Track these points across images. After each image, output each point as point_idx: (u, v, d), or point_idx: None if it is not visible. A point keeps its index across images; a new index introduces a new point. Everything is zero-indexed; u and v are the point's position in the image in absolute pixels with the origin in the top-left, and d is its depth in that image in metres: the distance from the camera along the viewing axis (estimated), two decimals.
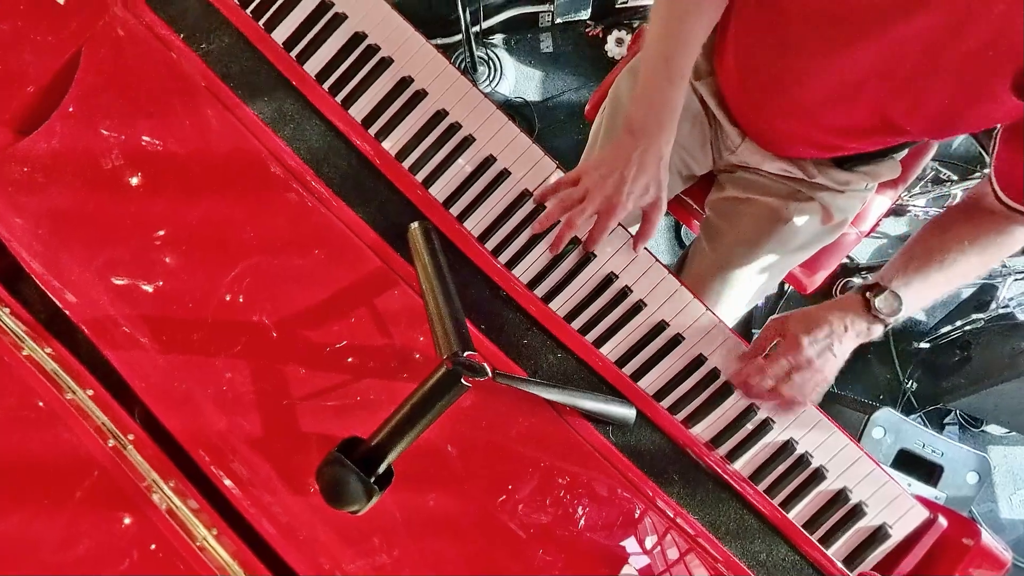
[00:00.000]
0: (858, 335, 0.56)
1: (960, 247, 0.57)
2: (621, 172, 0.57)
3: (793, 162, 0.73)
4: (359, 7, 0.61)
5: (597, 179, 0.57)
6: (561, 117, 1.54)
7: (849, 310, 0.56)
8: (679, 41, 0.57)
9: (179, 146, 0.51)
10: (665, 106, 0.57)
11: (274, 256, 0.51)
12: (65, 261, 0.48)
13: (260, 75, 0.55)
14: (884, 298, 0.55)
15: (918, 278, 0.56)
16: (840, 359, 0.57)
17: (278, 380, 0.49)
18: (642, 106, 0.58)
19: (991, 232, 0.57)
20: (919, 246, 0.59)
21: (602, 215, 0.57)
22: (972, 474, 1.06)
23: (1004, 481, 1.50)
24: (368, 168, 0.55)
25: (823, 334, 0.56)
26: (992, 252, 0.57)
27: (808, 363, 0.55)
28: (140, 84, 0.52)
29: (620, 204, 0.57)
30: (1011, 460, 1.51)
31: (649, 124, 0.57)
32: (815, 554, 0.52)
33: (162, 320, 0.48)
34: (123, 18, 0.52)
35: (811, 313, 0.57)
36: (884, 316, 0.55)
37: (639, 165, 0.57)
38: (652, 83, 0.58)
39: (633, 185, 0.57)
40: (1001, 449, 1.52)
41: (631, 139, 0.57)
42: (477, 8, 1.40)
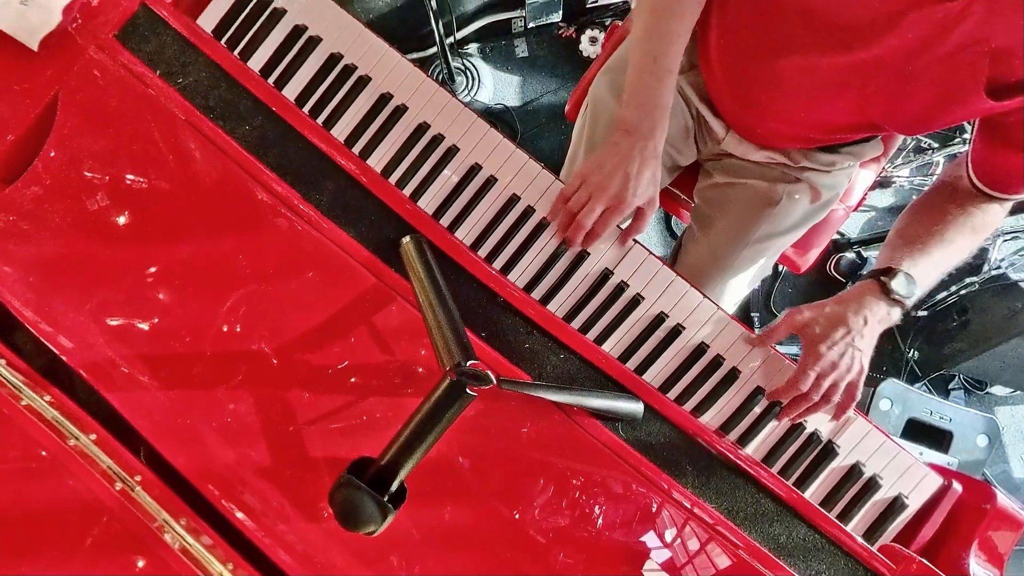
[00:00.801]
0: (880, 322, 0.57)
1: (955, 224, 0.59)
2: (625, 170, 0.58)
3: (777, 151, 0.74)
4: (333, 28, 0.62)
5: (602, 179, 0.58)
6: (542, 119, 1.55)
7: (866, 300, 0.57)
8: (665, 40, 0.58)
9: (164, 181, 0.51)
10: (657, 104, 0.58)
11: (268, 283, 0.51)
12: (58, 306, 0.47)
13: (239, 104, 0.55)
14: (899, 280, 0.56)
15: (923, 257, 0.57)
16: (867, 350, 0.58)
17: (282, 407, 0.49)
18: (634, 106, 0.59)
19: (975, 210, 0.59)
20: (915, 228, 0.60)
21: (608, 211, 0.58)
22: (982, 437, 1.07)
23: (1014, 441, 1.50)
24: (355, 187, 0.55)
25: (840, 334, 0.56)
26: (979, 231, 0.60)
27: (832, 367, 0.56)
28: (120, 123, 0.52)
29: (627, 201, 0.58)
30: (1019, 419, 1.52)
31: (643, 123, 0.58)
32: (835, 531, 0.52)
33: (160, 357, 0.47)
34: (98, 60, 0.52)
35: (827, 312, 0.57)
36: (903, 298, 0.56)
37: (641, 161, 0.58)
38: (642, 83, 0.59)
39: (638, 181, 0.58)
40: (1008, 409, 1.53)
41: (628, 138, 0.58)
42: (450, 20, 1.41)
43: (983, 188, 0.59)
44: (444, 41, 1.30)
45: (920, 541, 0.57)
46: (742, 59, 0.64)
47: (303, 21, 0.62)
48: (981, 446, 1.06)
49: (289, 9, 0.61)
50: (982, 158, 0.58)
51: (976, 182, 0.59)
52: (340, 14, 0.62)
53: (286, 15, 0.62)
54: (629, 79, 0.60)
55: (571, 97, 0.93)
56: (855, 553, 0.51)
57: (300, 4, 0.62)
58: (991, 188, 0.58)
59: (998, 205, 0.60)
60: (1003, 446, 1.48)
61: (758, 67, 0.62)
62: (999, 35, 0.46)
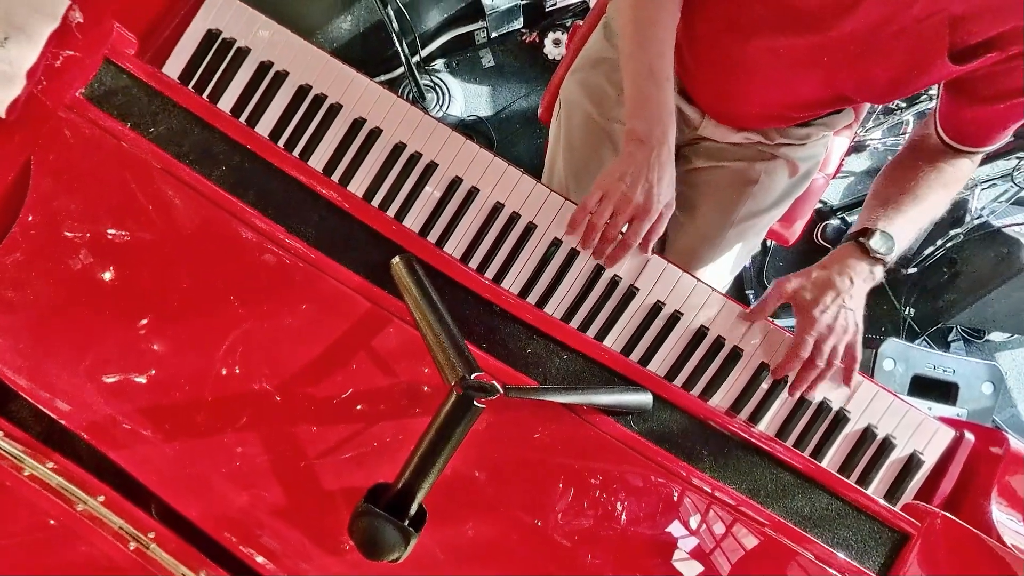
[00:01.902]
0: (865, 281, 0.58)
1: (926, 181, 0.60)
2: (647, 178, 0.58)
3: (754, 131, 0.76)
4: (299, 61, 0.62)
5: (624, 190, 0.58)
6: (517, 125, 1.57)
7: (848, 262, 0.58)
8: (654, 48, 0.59)
9: (147, 232, 0.51)
10: (662, 110, 0.59)
11: (263, 320, 0.51)
12: (51, 370, 0.47)
13: (214, 146, 0.55)
14: (877, 238, 0.57)
15: (899, 215, 0.59)
16: (858, 309, 0.58)
17: (291, 443, 0.48)
18: (641, 117, 0.60)
19: (945, 166, 0.61)
20: (889, 188, 0.62)
21: (635, 221, 0.59)
22: (987, 384, 1.08)
23: (1019, 384, 1.52)
24: (339, 214, 0.55)
25: (830, 297, 0.57)
26: (951, 186, 0.61)
27: (829, 330, 0.57)
28: (96, 180, 0.52)
29: (653, 207, 0.58)
30: (1021, 362, 1.54)
31: (654, 131, 0.59)
32: (856, 496, 0.52)
33: (161, 409, 0.47)
34: (68, 119, 0.52)
35: (813, 278, 0.59)
36: (883, 255, 0.57)
37: (659, 168, 0.58)
38: (643, 93, 0.60)
39: (660, 188, 0.58)
40: (1008, 354, 1.55)
41: (643, 148, 0.59)
42: (413, 39, 1.43)
43: (951, 143, 0.61)
44: (410, 60, 1.31)
45: (941, 495, 0.58)
46: (712, 47, 0.65)
47: (268, 57, 0.62)
48: (987, 394, 1.08)
49: (253, 47, 0.62)
50: (948, 114, 0.60)
51: (944, 138, 0.61)
52: (304, 46, 0.62)
53: (251, 53, 0.62)
54: (629, 92, 0.61)
55: (542, 100, 0.94)
56: (879, 515, 0.52)
57: (264, 41, 0.62)
58: (959, 142, 0.60)
59: (967, 159, 0.61)
60: (1008, 391, 1.50)
61: (728, 53, 0.63)
62: (956, 3, 0.48)
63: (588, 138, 0.78)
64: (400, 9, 1.28)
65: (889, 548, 0.51)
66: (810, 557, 0.50)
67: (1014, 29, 0.48)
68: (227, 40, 0.62)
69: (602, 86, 0.78)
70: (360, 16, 1.33)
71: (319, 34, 1.34)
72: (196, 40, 0.62)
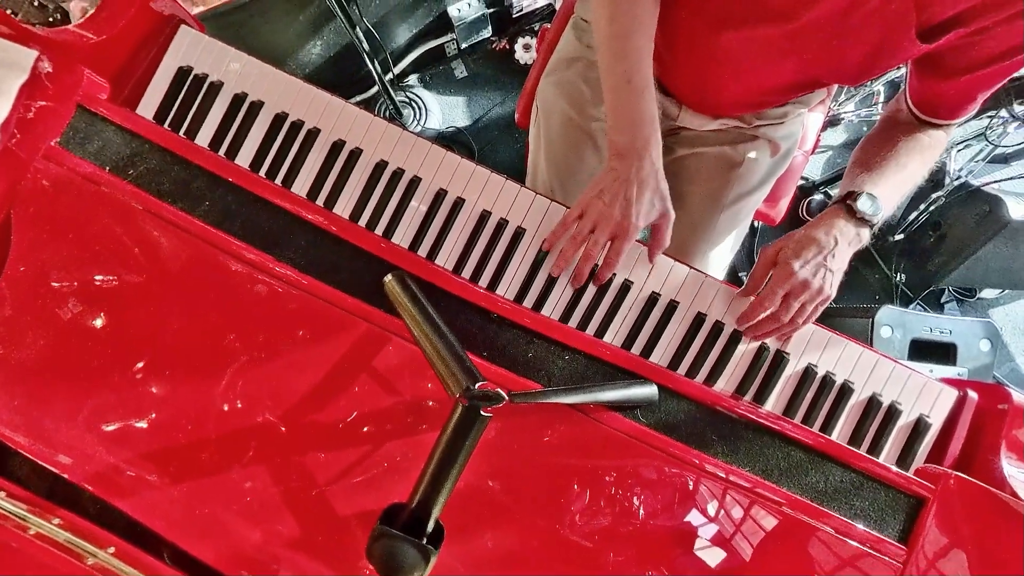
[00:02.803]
0: (850, 243, 0.58)
1: (905, 149, 0.61)
2: (624, 195, 0.57)
3: (731, 117, 0.77)
4: (273, 90, 0.62)
5: (602, 208, 0.57)
6: (495, 132, 1.58)
7: (834, 222, 0.58)
8: (632, 57, 0.58)
9: (135, 274, 0.51)
10: (643, 120, 0.58)
11: (260, 351, 0.50)
12: (49, 424, 0.46)
13: (195, 182, 0.55)
14: (864, 200, 0.57)
15: (882, 179, 0.59)
16: (838, 272, 0.58)
17: (300, 473, 0.48)
18: (621, 128, 0.58)
19: (920, 135, 0.62)
20: (870, 155, 0.62)
21: (616, 240, 0.58)
22: (984, 342, 1.09)
23: (1014, 338, 1.54)
24: (327, 238, 0.54)
25: (812, 253, 0.57)
26: (926, 153, 0.62)
27: (804, 285, 0.56)
28: (79, 227, 0.51)
29: (632, 226, 0.57)
30: (1013, 316, 1.56)
31: (636, 142, 0.57)
32: (869, 466, 0.52)
33: (165, 452, 0.46)
34: (45, 170, 0.52)
35: (797, 236, 0.58)
36: (869, 216, 0.57)
37: (639, 183, 0.57)
38: (622, 104, 0.58)
39: (639, 205, 0.57)
40: (1001, 310, 1.57)
41: (623, 161, 0.57)
42: (384, 57, 1.44)
43: (923, 117, 0.62)
44: (383, 79, 1.32)
45: (951, 456, 0.58)
46: (687, 40, 0.65)
47: (242, 89, 0.62)
48: (985, 351, 1.09)
49: (225, 80, 0.62)
50: (917, 90, 0.61)
51: (916, 112, 0.62)
52: (277, 74, 0.62)
53: (224, 86, 0.62)
54: (609, 104, 0.59)
55: (518, 105, 0.95)
56: (893, 482, 0.52)
57: (236, 73, 0.62)
58: (931, 116, 0.61)
59: (941, 131, 0.63)
60: (1005, 346, 1.52)
61: (703, 45, 0.64)
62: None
63: (568, 138, 0.78)
64: (369, 29, 1.29)
65: (906, 514, 0.51)
66: (830, 531, 0.50)
67: (979, 3, 0.48)
68: (199, 76, 0.62)
69: (577, 85, 0.78)
70: (330, 40, 1.33)
71: (290, 61, 1.34)
72: (168, 78, 0.62)
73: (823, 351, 0.61)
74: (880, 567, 0.49)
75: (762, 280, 0.59)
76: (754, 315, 0.58)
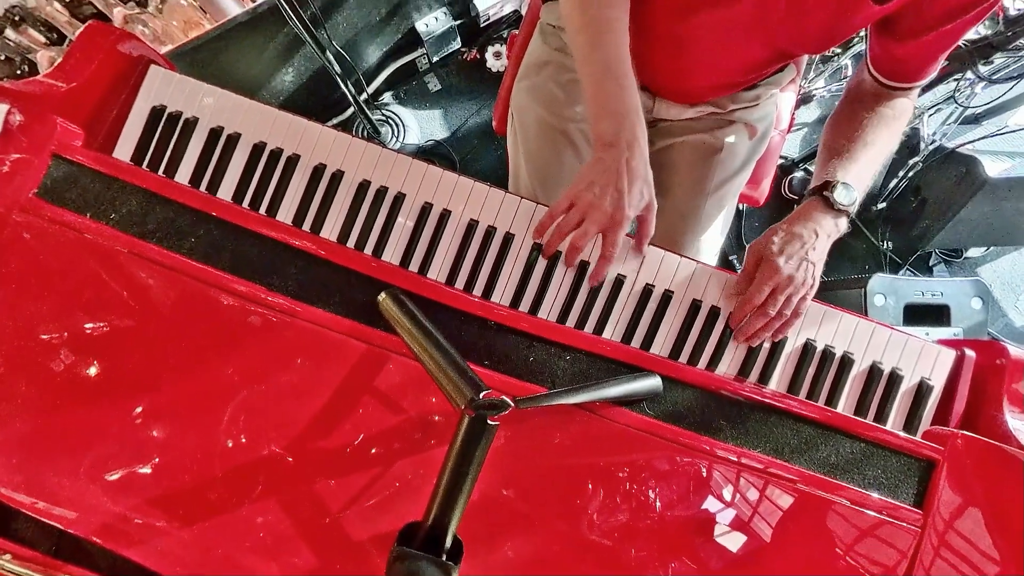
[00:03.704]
0: (829, 235, 0.59)
1: (870, 126, 0.62)
2: (615, 186, 0.56)
3: (706, 103, 0.78)
4: (249, 121, 0.62)
5: (592, 199, 0.56)
6: (475, 141, 1.58)
7: (812, 216, 0.59)
8: (611, 47, 0.57)
9: (125, 319, 0.50)
10: (628, 110, 0.57)
11: (260, 383, 0.50)
12: (50, 480, 0.45)
13: (178, 220, 0.54)
14: (840, 191, 0.58)
15: (852, 164, 0.60)
16: (819, 263, 0.59)
17: (311, 503, 0.47)
18: (607, 120, 0.57)
19: (883, 108, 0.63)
20: (838, 139, 0.63)
21: (608, 232, 0.57)
22: (975, 300, 1.10)
23: (1004, 294, 1.57)
24: (316, 262, 0.54)
25: (795, 248, 0.58)
26: (893, 124, 0.63)
27: (789, 280, 0.57)
28: (64, 276, 0.51)
29: (624, 218, 0.56)
30: (1001, 272, 1.59)
31: (623, 131, 0.56)
32: (877, 434, 0.53)
33: (172, 496, 0.45)
34: (24, 222, 0.51)
35: (781, 233, 0.59)
36: (846, 207, 0.58)
37: (629, 174, 0.56)
38: (605, 93, 0.57)
39: (631, 196, 0.56)
40: (988, 266, 1.59)
41: (612, 152, 0.56)
42: (357, 78, 1.44)
43: (886, 82, 0.63)
44: (358, 99, 1.32)
45: (956, 416, 0.59)
46: (657, 31, 0.66)
47: (218, 123, 0.62)
48: (977, 308, 1.10)
49: (200, 116, 0.62)
50: (879, 56, 0.63)
51: (880, 78, 0.63)
52: (251, 105, 0.62)
53: (199, 122, 0.62)
54: (590, 95, 0.58)
55: (494, 113, 0.95)
56: (902, 448, 0.52)
57: (210, 108, 0.62)
58: (894, 80, 0.63)
59: (904, 98, 0.64)
60: (996, 302, 1.54)
61: (672, 34, 0.65)
62: None
63: (545, 141, 0.79)
64: (339, 52, 1.29)
65: (919, 478, 0.51)
66: (846, 503, 0.50)
67: None
68: (173, 114, 0.62)
69: (550, 89, 0.79)
70: (301, 66, 1.34)
71: (264, 91, 1.35)
72: (142, 119, 0.62)
73: (820, 325, 0.61)
74: (899, 534, 0.49)
75: (753, 274, 0.60)
76: (743, 313, 0.59)
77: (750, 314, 0.58)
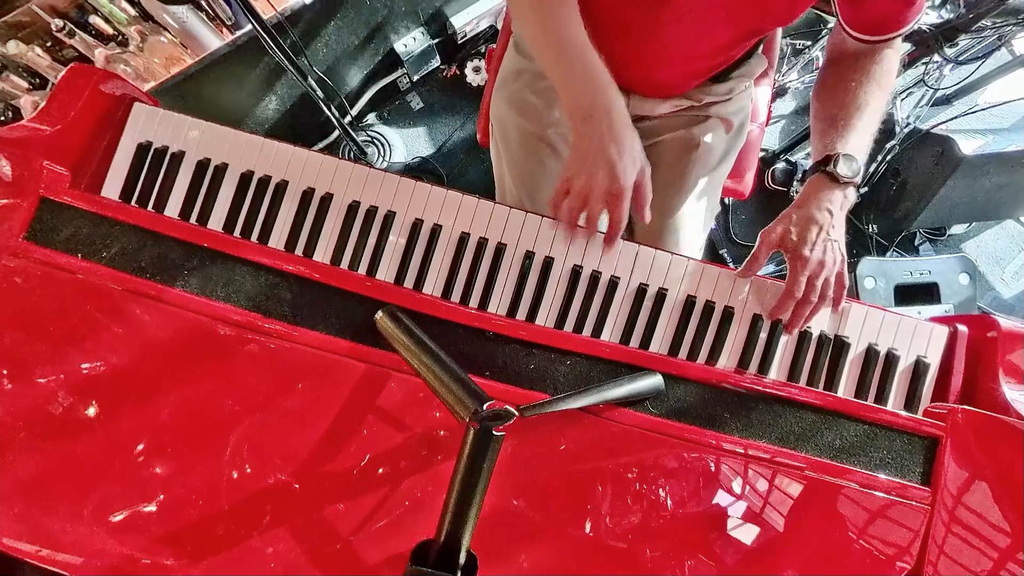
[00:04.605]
0: (841, 208, 0.59)
1: (862, 88, 0.61)
2: (606, 158, 0.54)
3: (680, 97, 0.79)
4: (235, 151, 0.62)
5: (588, 178, 0.55)
6: (460, 156, 1.60)
7: (821, 194, 0.59)
8: (563, 25, 0.57)
9: (122, 356, 0.50)
10: (596, 75, 0.55)
11: (262, 412, 0.49)
12: (53, 526, 0.44)
13: (170, 254, 0.54)
14: (842, 164, 0.58)
15: (850, 132, 0.60)
16: (841, 238, 0.60)
17: (321, 529, 0.46)
18: (578, 91, 0.55)
19: (871, 66, 0.62)
20: (830, 109, 0.63)
21: (611, 206, 0.56)
22: (963, 276, 1.12)
23: (990, 268, 1.59)
24: (311, 286, 0.54)
25: (814, 233, 0.58)
26: (883, 79, 0.62)
27: (821, 265, 0.58)
28: (59, 319, 0.50)
29: (623, 188, 0.55)
30: (984, 246, 1.62)
31: (597, 97, 0.54)
32: (879, 415, 0.53)
33: (179, 532, 0.45)
34: (14, 267, 0.51)
35: (794, 220, 0.59)
36: (850, 178, 0.58)
37: (616, 140, 0.54)
38: (567, 66, 0.56)
39: (623, 162, 0.54)
40: (972, 242, 1.62)
41: (590, 123, 0.54)
42: (340, 102, 1.46)
43: (867, 38, 0.62)
44: (342, 122, 1.34)
45: (954, 392, 0.59)
46: (623, 25, 0.67)
47: (204, 155, 0.62)
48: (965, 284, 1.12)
49: (187, 149, 0.62)
50: (852, 17, 0.62)
51: (858, 35, 0.62)
52: (237, 135, 0.63)
53: (186, 155, 0.62)
54: (555, 73, 0.57)
55: (478, 126, 0.97)
56: (905, 427, 0.53)
57: (196, 141, 0.62)
58: (874, 34, 0.61)
59: (889, 49, 0.63)
60: (983, 276, 1.57)
61: (639, 26, 0.65)
62: None
63: (527, 149, 0.80)
64: (320, 77, 1.31)
65: (924, 456, 0.52)
66: (855, 487, 0.50)
67: None
68: (159, 149, 0.62)
69: (526, 97, 0.80)
70: (284, 93, 1.35)
71: (249, 121, 1.36)
72: (129, 156, 0.62)
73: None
74: (910, 513, 0.50)
75: (763, 261, 0.61)
76: (786, 306, 0.59)
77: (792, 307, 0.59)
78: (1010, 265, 1.58)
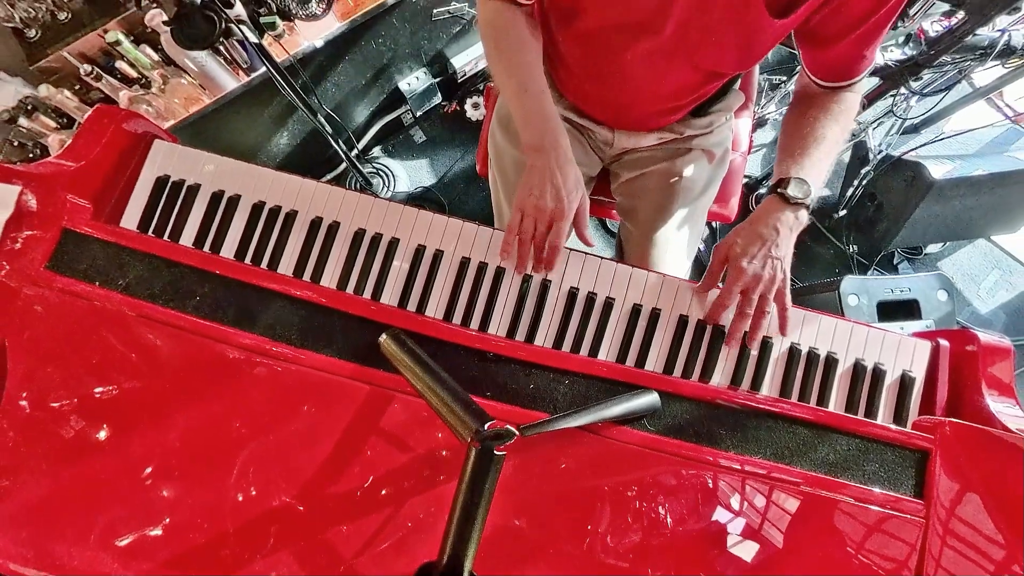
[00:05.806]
0: (791, 229, 0.63)
1: (820, 123, 0.67)
2: (551, 183, 0.62)
3: (662, 130, 0.84)
4: (248, 183, 0.66)
5: (535, 202, 0.62)
6: (461, 185, 1.66)
7: (772, 214, 0.63)
8: (523, 69, 0.66)
9: (134, 380, 0.51)
10: (547, 117, 0.64)
11: (268, 434, 0.50)
12: (60, 551, 0.44)
13: (183, 281, 0.56)
14: (792, 186, 0.62)
15: (806, 160, 0.64)
16: (786, 257, 0.63)
17: (326, 551, 0.47)
18: (530, 129, 0.65)
19: (831, 105, 0.68)
20: (791, 140, 0.68)
21: (555, 223, 0.63)
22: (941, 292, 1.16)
23: (966, 284, 1.64)
24: (318, 310, 0.56)
25: (756, 247, 0.62)
26: (842, 119, 0.68)
27: (756, 279, 0.61)
28: (75, 345, 0.52)
29: (566, 207, 0.62)
30: (960, 264, 1.68)
31: (545, 138, 0.64)
32: (869, 429, 0.55)
33: (184, 555, 0.45)
34: (35, 295, 0.53)
35: (741, 233, 0.63)
36: (802, 199, 0.62)
37: (561, 170, 0.63)
38: (524, 108, 0.65)
39: (566, 187, 0.63)
40: (948, 260, 1.68)
41: (541, 155, 0.63)
42: (347, 136, 1.52)
43: (827, 84, 0.68)
44: (350, 155, 1.39)
45: (940, 405, 0.61)
46: (594, 70, 0.73)
47: (219, 187, 0.66)
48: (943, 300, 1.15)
49: (202, 182, 0.66)
50: (812, 62, 0.68)
51: (820, 82, 0.68)
52: (250, 168, 0.66)
53: (202, 188, 0.65)
54: (514, 112, 0.66)
55: (477, 157, 1.02)
56: (895, 440, 0.54)
57: (211, 174, 0.66)
58: (834, 80, 0.67)
59: (848, 92, 0.68)
60: (960, 292, 1.61)
61: (609, 71, 0.71)
62: None
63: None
64: (329, 114, 1.37)
65: (915, 468, 0.53)
66: (851, 501, 0.51)
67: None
68: (176, 182, 0.65)
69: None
70: (294, 129, 1.41)
71: (261, 155, 1.41)
72: (147, 189, 0.65)
73: (802, 329, 0.65)
74: (906, 526, 0.50)
75: (718, 274, 0.64)
76: (717, 314, 0.63)
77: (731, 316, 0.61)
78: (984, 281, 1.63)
